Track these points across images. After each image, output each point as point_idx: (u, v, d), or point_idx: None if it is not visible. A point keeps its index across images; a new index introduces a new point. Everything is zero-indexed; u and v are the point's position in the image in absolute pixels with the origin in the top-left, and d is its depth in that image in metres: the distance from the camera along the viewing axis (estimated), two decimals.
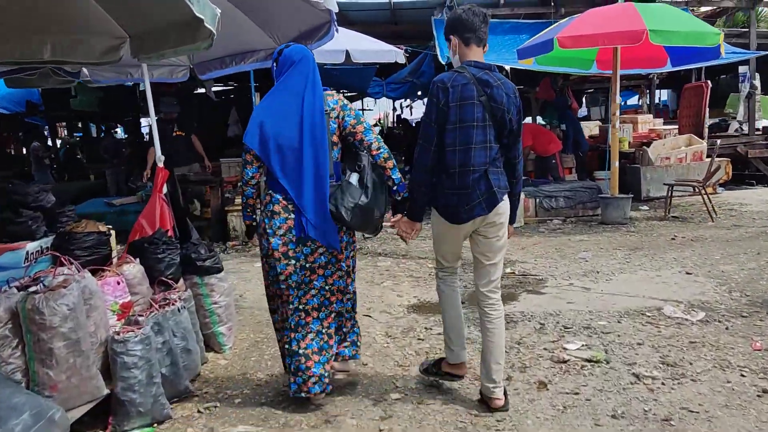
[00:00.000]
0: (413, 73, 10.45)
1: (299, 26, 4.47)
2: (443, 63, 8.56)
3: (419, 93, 12.32)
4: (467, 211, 2.63)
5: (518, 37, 9.32)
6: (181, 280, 3.59)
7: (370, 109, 21.51)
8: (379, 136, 2.79)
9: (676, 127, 10.64)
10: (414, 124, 14.29)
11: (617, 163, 7.20)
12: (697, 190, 7.18)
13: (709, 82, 10.42)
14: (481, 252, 2.75)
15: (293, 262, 2.71)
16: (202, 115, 12.06)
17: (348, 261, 2.87)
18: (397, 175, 2.78)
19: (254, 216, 2.93)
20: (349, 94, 17.85)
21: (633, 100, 21.89)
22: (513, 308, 4.29)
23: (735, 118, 11.73)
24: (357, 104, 19.56)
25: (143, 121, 16.04)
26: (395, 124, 18.84)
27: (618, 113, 7.14)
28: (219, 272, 3.71)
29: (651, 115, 11.36)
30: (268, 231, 2.72)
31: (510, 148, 2.71)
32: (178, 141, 7.17)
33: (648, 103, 13.84)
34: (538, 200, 7.96)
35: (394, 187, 2.79)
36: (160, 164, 3.89)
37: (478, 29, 2.66)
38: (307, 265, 2.74)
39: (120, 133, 18.33)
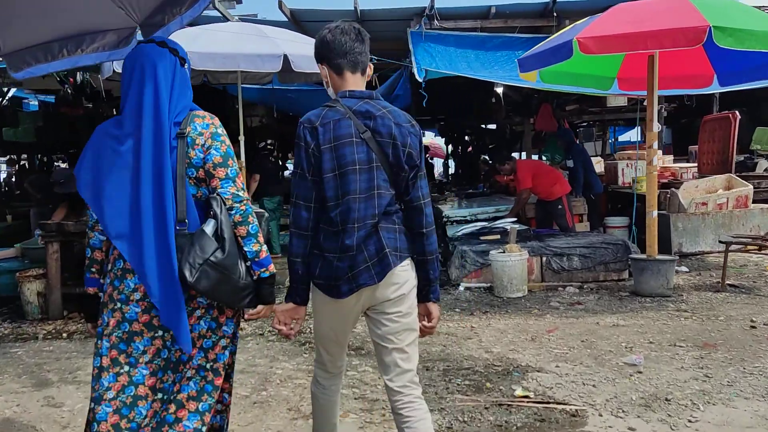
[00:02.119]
0: (386, 96, 8.64)
1: None
2: (421, 81, 6.88)
3: None
4: (350, 279, 2.00)
5: (512, 53, 7.77)
6: None
7: None
8: (241, 193, 2.02)
9: (691, 164, 9.10)
10: None
11: (655, 213, 5.33)
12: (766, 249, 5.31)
13: (737, 112, 8.75)
14: (381, 336, 2.09)
15: (161, 333, 2.00)
16: None
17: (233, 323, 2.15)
18: (251, 247, 2.04)
19: (102, 281, 2.15)
20: None
21: (625, 137, 20.61)
22: None
23: (763, 155, 10.09)
24: None
25: None
26: None
27: (655, 146, 5.32)
28: None
29: (660, 152, 9.76)
30: (119, 297, 1.99)
31: (411, 188, 2.09)
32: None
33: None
34: (544, 259, 6.01)
35: (247, 263, 2.05)
36: None
37: (350, 51, 2.07)
38: None
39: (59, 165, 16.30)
